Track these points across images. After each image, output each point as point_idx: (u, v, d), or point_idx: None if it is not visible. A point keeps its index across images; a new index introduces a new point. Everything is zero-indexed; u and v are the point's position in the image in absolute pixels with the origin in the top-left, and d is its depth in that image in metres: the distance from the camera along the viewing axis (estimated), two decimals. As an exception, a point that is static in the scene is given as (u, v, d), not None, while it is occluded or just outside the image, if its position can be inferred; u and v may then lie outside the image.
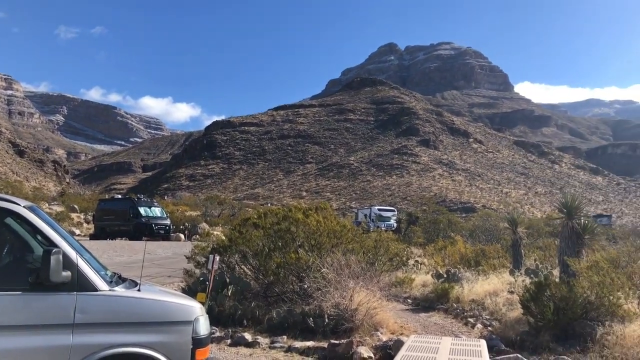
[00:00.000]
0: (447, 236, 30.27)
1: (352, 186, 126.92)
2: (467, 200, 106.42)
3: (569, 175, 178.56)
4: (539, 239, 28.22)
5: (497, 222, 31.75)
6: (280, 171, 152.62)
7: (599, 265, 11.31)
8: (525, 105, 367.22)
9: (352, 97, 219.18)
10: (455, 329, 11.29)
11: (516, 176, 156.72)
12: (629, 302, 10.54)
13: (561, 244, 13.25)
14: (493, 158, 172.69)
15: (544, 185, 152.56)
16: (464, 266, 17.71)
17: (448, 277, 15.48)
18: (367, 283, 10.24)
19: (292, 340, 8.83)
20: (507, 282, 14.35)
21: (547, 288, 10.21)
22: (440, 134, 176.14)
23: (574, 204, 13.18)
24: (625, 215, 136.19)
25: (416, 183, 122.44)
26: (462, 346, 6.63)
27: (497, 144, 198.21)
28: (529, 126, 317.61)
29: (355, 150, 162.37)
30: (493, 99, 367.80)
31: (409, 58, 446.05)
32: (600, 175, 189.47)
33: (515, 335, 10.03)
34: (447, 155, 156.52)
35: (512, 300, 12.05)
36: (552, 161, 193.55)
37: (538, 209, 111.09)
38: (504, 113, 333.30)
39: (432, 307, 13.77)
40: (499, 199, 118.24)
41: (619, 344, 8.93)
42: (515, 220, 18.05)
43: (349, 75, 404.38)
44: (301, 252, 11.06)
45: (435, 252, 22.51)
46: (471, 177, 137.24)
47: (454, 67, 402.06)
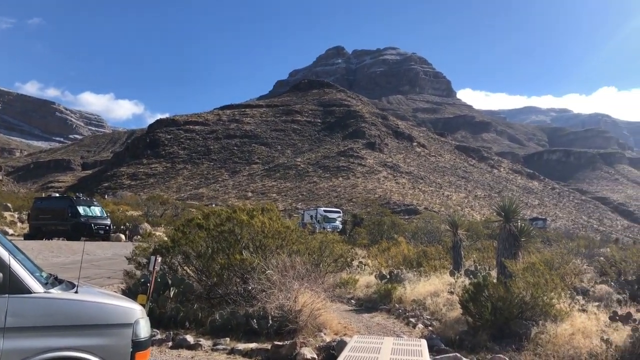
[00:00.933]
0: (390, 237, 30.76)
1: (298, 187, 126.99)
2: (410, 202, 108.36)
3: (507, 180, 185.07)
4: (478, 240, 29.09)
5: (438, 224, 32.54)
6: (226, 171, 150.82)
7: (534, 267, 11.76)
8: (467, 111, 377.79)
9: (299, 99, 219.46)
10: (397, 329, 11.47)
11: (457, 180, 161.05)
12: (561, 302, 11.02)
13: (499, 246, 13.71)
14: (435, 162, 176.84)
15: (483, 189, 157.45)
16: (407, 267, 18.04)
17: (391, 278, 15.72)
18: (311, 284, 10.28)
19: (235, 342, 8.76)
20: (447, 283, 14.71)
21: (485, 289, 10.51)
22: (385, 138, 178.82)
23: (511, 208, 13.66)
24: (559, 219, 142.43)
25: (362, 185, 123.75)
26: (403, 346, 6.76)
27: (440, 148, 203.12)
28: (470, 131, 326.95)
29: (302, 152, 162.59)
30: (436, 105, 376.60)
31: (356, 62, 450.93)
32: (536, 180, 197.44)
33: (454, 335, 10.27)
34: (392, 158, 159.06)
35: (452, 301, 12.35)
36: (491, 166, 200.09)
37: (478, 211, 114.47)
38: (446, 118, 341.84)
39: (375, 308, 13.94)
40: (441, 201, 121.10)
41: (551, 342, 9.31)
42: (456, 223, 18.54)
43: (296, 77, 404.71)
44: (245, 254, 10.99)
45: (379, 253, 22.82)
46: (414, 180, 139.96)
47: (400, 72, 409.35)
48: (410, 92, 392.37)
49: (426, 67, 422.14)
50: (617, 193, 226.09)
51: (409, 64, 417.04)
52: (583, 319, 10.43)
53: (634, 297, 14.30)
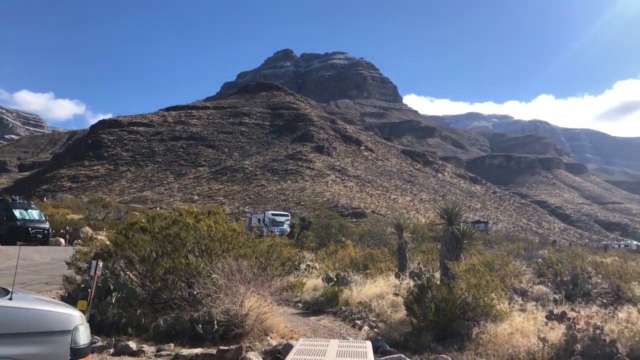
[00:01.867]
0: (338, 240, 30.95)
1: (246, 190, 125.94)
2: (357, 205, 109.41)
3: (451, 184, 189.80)
4: (423, 243, 29.68)
5: (385, 227, 32.99)
6: (171, 174, 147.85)
7: (476, 268, 12.09)
8: (413, 116, 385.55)
9: (247, 101, 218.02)
10: (343, 331, 11.54)
11: (403, 183, 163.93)
12: (501, 303, 11.38)
13: (442, 248, 14.03)
14: (382, 166, 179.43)
15: (428, 193, 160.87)
16: (354, 270, 18.18)
17: (338, 281, 15.80)
18: (258, 288, 10.22)
19: (179, 348, 8.59)
20: (393, 285, 14.93)
21: (429, 290, 10.71)
22: (333, 141, 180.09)
23: (454, 211, 14.00)
24: (500, 222, 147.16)
25: (310, 188, 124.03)
26: (348, 348, 6.82)
27: (387, 152, 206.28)
28: (416, 136, 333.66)
29: (250, 155, 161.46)
30: (383, 109, 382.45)
31: (305, 65, 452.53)
32: (478, 184, 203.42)
33: (399, 336, 10.40)
34: (340, 161, 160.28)
35: (397, 302, 12.52)
36: (436, 170, 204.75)
37: (423, 214, 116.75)
38: (393, 123, 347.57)
39: (322, 311, 13.98)
40: (387, 205, 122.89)
41: (491, 341, 9.59)
42: (401, 226, 18.84)
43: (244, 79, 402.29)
44: (191, 258, 10.81)
45: (327, 256, 22.91)
46: (362, 183, 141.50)
47: (348, 77, 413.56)
48: (358, 96, 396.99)
49: (373, 72, 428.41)
50: (554, 197, 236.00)
51: (357, 68, 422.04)
52: (522, 318, 10.79)
53: (569, 296, 14.92)
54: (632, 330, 9.96)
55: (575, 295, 14.98)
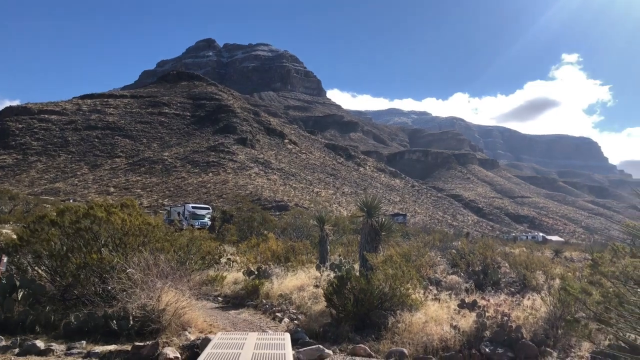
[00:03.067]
0: (260, 234, 30.82)
1: (165, 183, 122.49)
2: (281, 198, 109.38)
3: (372, 177, 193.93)
4: (344, 235, 30.14)
5: (307, 220, 33.18)
6: (86, 165, 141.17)
7: (393, 260, 12.43)
8: (336, 110, 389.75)
9: (167, 91, 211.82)
10: (263, 324, 11.54)
11: (326, 177, 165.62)
12: (417, 292, 11.77)
13: (362, 240, 14.32)
14: (306, 159, 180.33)
15: (350, 186, 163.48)
16: (275, 263, 18.18)
17: (259, 274, 15.76)
18: (176, 282, 10.00)
19: (92, 345, 8.26)
20: (313, 277, 15.06)
21: (349, 281, 10.90)
22: (257, 134, 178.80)
23: (373, 204, 14.32)
24: (418, 214, 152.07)
25: (232, 181, 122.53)
26: (266, 340, 6.82)
27: (310, 145, 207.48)
28: (339, 131, 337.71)
29: (169, 146, 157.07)
30: (307, 103, 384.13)
31: (228, 56, 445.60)
32: (398, 178, 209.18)
33: (319, 327, 10.52)
34: (263, 154, 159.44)
35: (318, 294, 12.65)
36: (358, 164, 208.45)
37: (345, 207, 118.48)
38: (317, 117, 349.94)
39: (243, 304, 13.91)
40: (310, 198, 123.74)
41: (407, 330, 9.89)
42: (323, 218, 19.03)
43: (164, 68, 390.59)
44: (104, 252, 10.41)
45: (248, 249, 22.78)
46: (285, 176, 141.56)
47: (272, 69, 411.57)
48: (282, 89, 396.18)
49: (298, 66, 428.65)
50: (468, 191, 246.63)
51: (281, 61, 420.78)
52: (436, 307, 11.23)
53: (480, 286, 15.66)
54: (536, 316, 10.60)
55: (485, 285, 15.74)
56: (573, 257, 33.74)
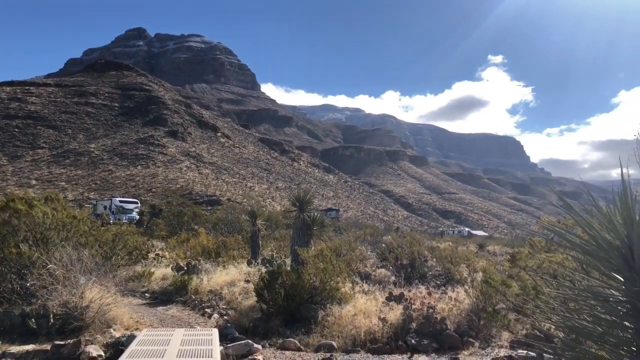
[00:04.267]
0: (190, 229, 30.29)
1: (91, 176, 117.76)
2: (213, 193, 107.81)
3: (306, 173, 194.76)
4: (276, 230, 30.14)
5: (239, 215, 32.90)
6: (5, 156, 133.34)
7: (324, 254, 12.57)
8: (271, 105, 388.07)
9: (94, 80, 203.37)
10: (192, 320, 11.38)
11: (260, 171, 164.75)
12: (346, 286, 11.97)
13: (293, 235, 14.38)
14: (239, 153, 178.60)
15: (284, 181, 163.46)
16: (205, 258, 17.94)
17: (188, 270, 15.52)
18: (101, 278, 9.69)
19: (7, 345, 7.85)
20: (244, 272, 15.00)
21: (280, 276, 10.94)
22: (188, 126, 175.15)
23: (306, 199, 14.41)
24: (350, 210, 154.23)
25: (162, 175, 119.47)
26: (194, 336, 6.72)
27: (244, 140, 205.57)
28: (273, 125, 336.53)
29: (96, 137, 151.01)
30: (241, 96, 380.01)
31: (159, 46, 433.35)
32: (331, 173, 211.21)
33: (249, 322, 10.50)
34: (195, 147, 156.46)
35: (248, 289, 12.62)
36: (292, 159, 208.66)
37: (279, 202, 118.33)
38: (251, 111, 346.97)
39: (171, 300, 13.66)
40: (244, 192, 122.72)
41: (336, 323, 10.05)
42: (255, 213, 18.97)
43: (92, 56, 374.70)
44: (24, 247, 9.92)
45: (178, 244, 22.36)
46: (218, 170, 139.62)
47: (205, 61, 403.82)
48: (215, 81, 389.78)
49: (231, 58, 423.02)
50: (399, 187, 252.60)
51: (214, 53, 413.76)
52: (364, 300, 11.45)
53: (408, 279, 16.12)
54: (460, 308, 11.03)
55: (413, 278, 16.22)
56: (496, 251, 35.30)
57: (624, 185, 3.65)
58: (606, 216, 3.74)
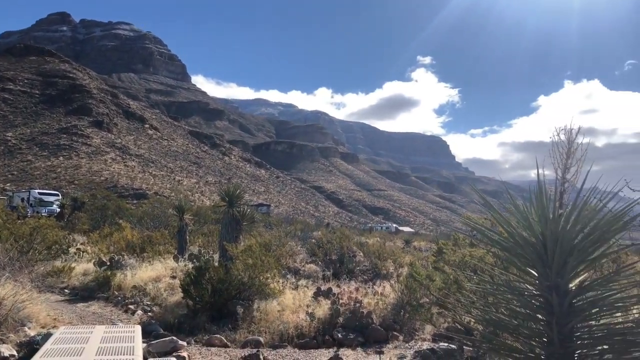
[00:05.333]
0: (114, 223, 29.32)
1: (8, 166, 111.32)
2: (139, 186, 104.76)
3: (237, 167, 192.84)
4: (205, 225, 29.67)
5: (167, 209, 32.17)
6: None
7: (253, 249, 12.50)
8: (202, 97, 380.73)
9: (13, 65, 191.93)
10: (114, 317, 11.03)
11: (189, 165, 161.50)
12: (275, 281, 11.97)
13: (222, 230, 14.22)
14: (168, 146, 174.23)
15: (214, 175, 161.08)
16: (130, 253, 17.44)
17: (112, 265, 15.01)
18: (15, 274, 9.21)
19: None
20: (170, 268, 14.70)
21: (207, 272, 10.80)
22: (114, 117, 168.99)
23: (235, 193, 14.27)
24: (282, 205, 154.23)
25: (86, 166, 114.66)
26: (115, 333, 6.50)
27: (173, 132, 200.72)
28: (204, 118, 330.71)
29: (14, 126, 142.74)
30: (171, 88, 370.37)
31: (84, 32, 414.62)
32: (263, 168, 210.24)
33: (174, 319, 10.33)
34: (121, 139, 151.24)
35: (174, 285, 12.40)
36: (223, 153, 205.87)
37: (208, 197, 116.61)
38: (180, 102, 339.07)
39: (93, 297, 13.19)
40: (172, 186, 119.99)
41: (264, 319, 10.04)
42: (183, 207, 18.59)
43: (10, 40, 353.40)
44: None
45: (101, 239, 21.59)
46: (145, 163, 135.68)
47: (133, 50, 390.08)
48: (143, 71, 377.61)
49: (161, 48, 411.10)
50: (330, 183, 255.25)
51: (143, 42, 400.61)
52: (293, 296, 11.51)
53: (336, 274, 16.32)
54: (385, 302, 11.29)
55: (341, 273, 16.44)
56: (421, 246, 36.39)
57: (540, 185, 3.85)
58: (523, 214, 3.93)
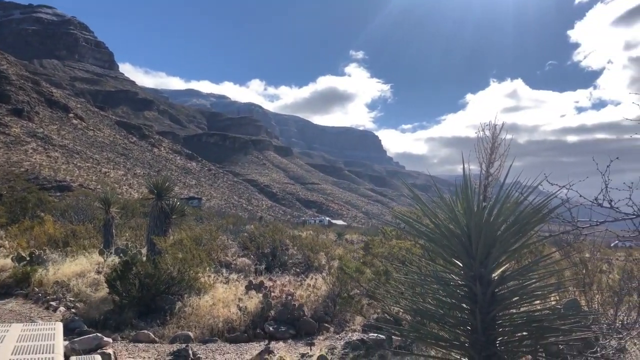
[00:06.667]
0: (36, 216, 27.98)
1: None
2: (63, 178, 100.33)
3: (167, 159, 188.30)
4: (133, 219, 28.83)
5: (92, 202, 31.05)
6: None
7: (183, 243, 12.27)
8: (130, 86, 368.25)
9: None
10: (34, 314, 10.54)
11: (116, 156, 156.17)
12: (206, 276, 11.81)
13: (150, 224, 13.86)
14: (94, 136, 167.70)
15: (143, 167, 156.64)
16: (52, 248, 16.69)
17: (32, 260, 14.32)
18: None
19: None
20: (96, 263, 14.21)
21: (134, 266, 10.52)
22: (36, 105, 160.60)
23: (164, 186, 13.93)
24: (214, 198, 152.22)
25: (4, 157, 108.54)
26: (34, 331, 6.17)
27: (99, 122, 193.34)
28: (132, 108, 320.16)
29: None
30: (97, 76, 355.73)
31: (2, 14, 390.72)
32: (194, 161, 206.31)
33: (99, 315, 10.03)
34: (44, 128, 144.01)
35: (100, 281, 12.03)
36: (152, 144, 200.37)
37: (136, 190, 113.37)
38: (107, 92, 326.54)
39: (10, 294, 12.60)
40: (98, 178, 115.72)
41: (194, 313, 9.89)
42: (109, 200, 17.96)
43: None
44: None
45: (20, 233, 20.53)
46: (69, 154, 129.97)
47: (56, 35, 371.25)
48: (68, 58, 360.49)
49: (87, 35, 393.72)
50: (264, 176, 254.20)
51: (68, 27, 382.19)
52: (224, 290, 11.40)
53: (269, 267, 16.28)
54: (317, 294, 11.39)
55: (274, 266, 16.42)
56: (353, 239, 36.89)
57: (465, 179, 3.98)
58: (449, 207, 4.06)
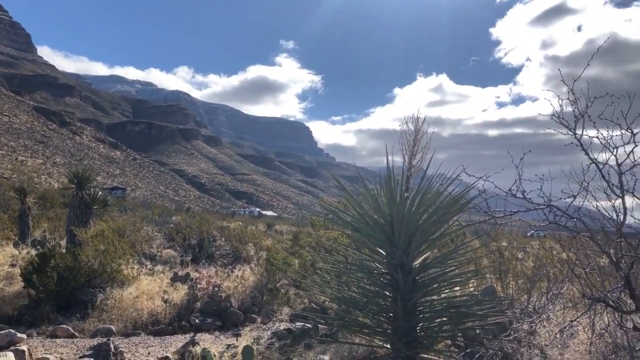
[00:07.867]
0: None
1: None
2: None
3: (89, 148, 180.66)
4: (52, 209, 27.55)
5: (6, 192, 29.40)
6: None
7: (105, 235, 11.87)
8: (49, 71, 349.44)
9: None
10: (-61, 312, 9.87)
11: (34, 144, 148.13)
12: (130, 268, 11.50)
13: (70, 214, 13.33)
14: (9, 122, 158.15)
15: (63, 156, 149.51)
16: (-40, 240, 15.65)
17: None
18: None
19: None
20: (10, 255, 13.51)
21: (52, 259, 10.12)
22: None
23: (85, 175, 13.41)
24: (139, 189, 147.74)
25: None
26: None
27: (15, 107, 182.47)
28: (52, 93, 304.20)
29: None
30: (13, 58, 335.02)
31: None
32: (119, 149, 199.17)
33: (13, 310, 9.61)
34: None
35: (14, 274, 11.46)
36: (73, 132, 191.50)
37: (56, 179, 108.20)
38: (24, 75, 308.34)
39: None
40: (13, 167, 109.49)
41: (117, 306, 9.64)
42: (24, 190, 17.05)
43: None
44: None
45: None
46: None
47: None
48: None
49: (1, 14, 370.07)
50: (192, 166, 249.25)
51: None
52: (148, 282, 11.15)
53: (196, 259, 16.04)
54: (245, 285, 11.36)
55: (201, 257, 16.21)
56: (283, 230, 36.98)
57: (389, 170, 4.08)
58: (373, 197, 4.15)
